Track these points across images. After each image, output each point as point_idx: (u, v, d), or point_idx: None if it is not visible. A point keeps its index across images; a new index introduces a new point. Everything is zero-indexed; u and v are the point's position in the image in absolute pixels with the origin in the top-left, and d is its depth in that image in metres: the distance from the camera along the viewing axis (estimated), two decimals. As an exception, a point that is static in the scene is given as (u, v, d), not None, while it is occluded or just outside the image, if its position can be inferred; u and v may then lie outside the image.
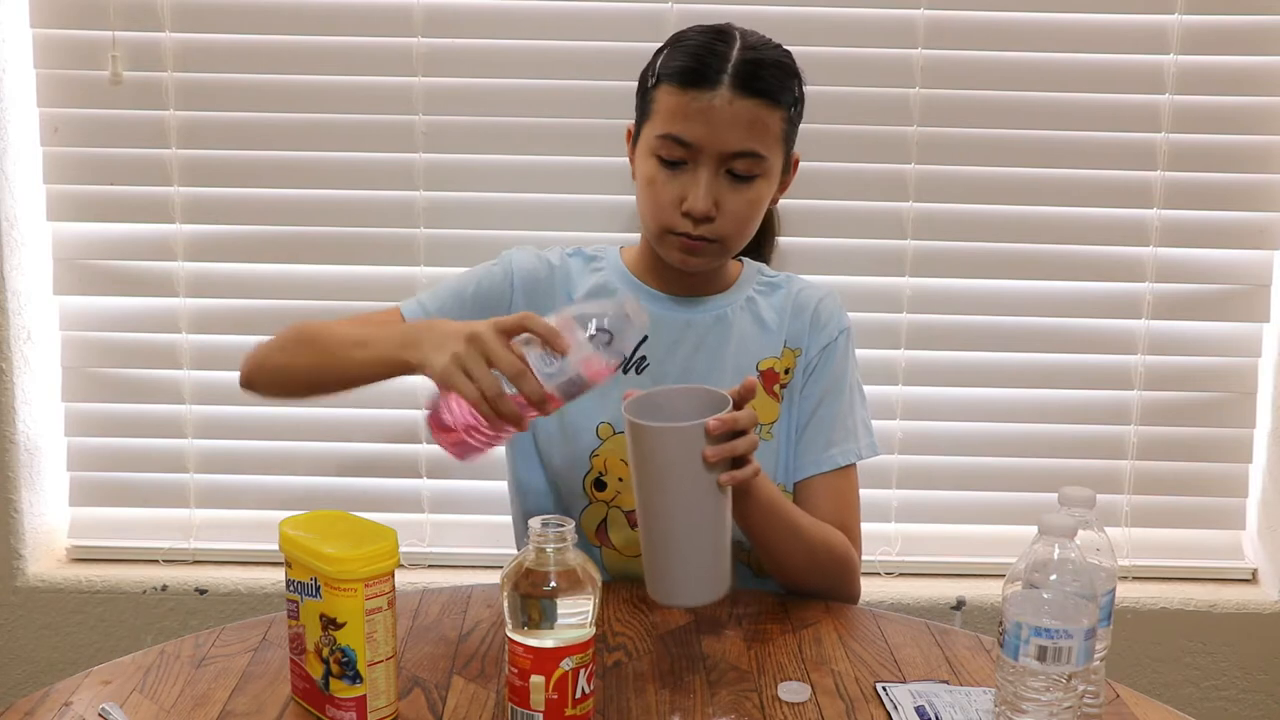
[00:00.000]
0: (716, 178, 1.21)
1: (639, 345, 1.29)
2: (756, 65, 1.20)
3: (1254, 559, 1.91)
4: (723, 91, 1.18)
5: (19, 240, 1.77)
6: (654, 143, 1.22)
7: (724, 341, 1.32)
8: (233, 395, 1.84)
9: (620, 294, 1.28)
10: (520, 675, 0.89)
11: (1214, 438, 1.87)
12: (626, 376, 1.30)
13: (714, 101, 1.18)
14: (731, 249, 1.27)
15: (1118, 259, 1.81)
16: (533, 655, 0.88)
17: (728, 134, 1.19)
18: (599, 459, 1.30)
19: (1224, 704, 1.88)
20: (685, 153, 1.20)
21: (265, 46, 1.75)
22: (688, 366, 1.30)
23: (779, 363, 1.33)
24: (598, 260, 1.36)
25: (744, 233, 1.26)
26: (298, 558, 0.95)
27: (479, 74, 1.75)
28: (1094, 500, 0.95)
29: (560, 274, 1.34)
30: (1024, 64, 1.75)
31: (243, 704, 1.00)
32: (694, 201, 1.20)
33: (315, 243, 1.80)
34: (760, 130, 1.20)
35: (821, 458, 1.31)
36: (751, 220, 1.25)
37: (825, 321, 1.34)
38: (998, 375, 1.85)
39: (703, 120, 1.19)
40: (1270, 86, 1.76)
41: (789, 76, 1.24)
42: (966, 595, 1.83)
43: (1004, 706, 0.90)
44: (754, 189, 1.23)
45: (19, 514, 1.81)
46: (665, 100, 1.21)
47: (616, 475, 1.29)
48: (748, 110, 1.19)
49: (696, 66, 1.19)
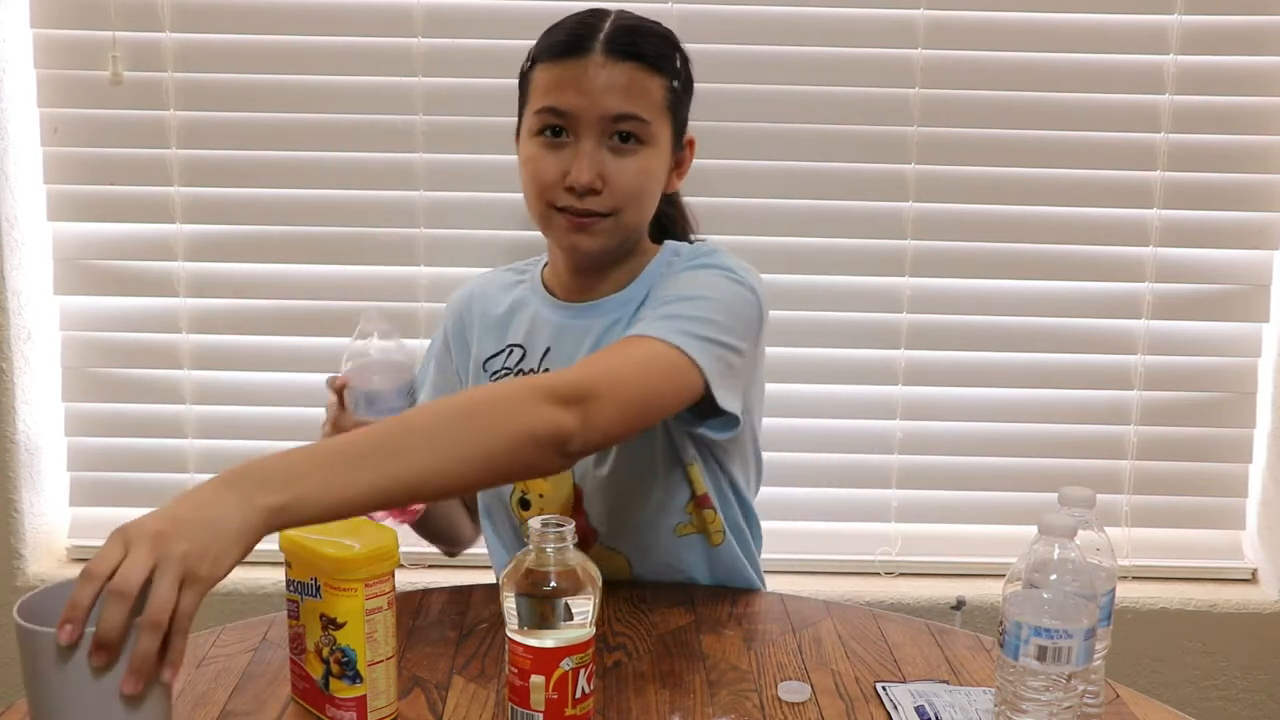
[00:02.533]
0: (599, 149, 1.15)
1: (543, 356, 1.26)
2: (630, 31, 1.17)
3: (1254, 559, 1.91)
4: (595, 57, 1.14)
5: (19, 240, 1.77)
6: (532, 120, 1.18)
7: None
8: (233, 395, 1.85)
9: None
10: (520, 675, 0.89)
11: (1214, 438, 1.87)
12: None
13: (588, 69, 1.14)
14: (628, 225, 1.19)
15: (1118, 259, 1.81)
16: (533, 655, 0.88)
17: (604, 98, 1.14)
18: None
19: (1224, 704, 1.88)
20: (563, 122, 1.16)
21: (265, 46, 1.75)
22: None
23: None
24: (523, 274, 1.34)
25: (637, 206, 1.18)
26: (298, 557, 0.95)
27: (479, 74, 1.75)
28: (1094, 500, 0.95)
29: (481, 299, 1.34)
30: (1024, 64, 1.75)
31: (243, 704, 1.00)
32: (577, 173, 1.14)
33: (315, 243, 1.80)
34: (639, 93, 1.15)
35: (634, 330, 1.11)
36: (643, 193, 1.18)
37: (677, 262, 1.23)
38: (998, 375, 1.85)
39: (576, 87, 1.14)
40: (1270, 86, 1.76)
41: (668, 46, 1.20)
42: (966, 595, 1.83)
43: (1004, 706, 0.90)
44: (640, 158, 1.17)
45: (19, 514, 1.81)
46: (540, 77, 1.18)
47: (538, 492, 1.26)
48: (623, 73, 1.15)
49: (568, 39, 1.17)
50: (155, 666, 0.78)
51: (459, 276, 1.79)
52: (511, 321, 1.30)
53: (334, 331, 1.82)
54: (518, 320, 1.30)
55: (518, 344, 1.29)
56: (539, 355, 1.27)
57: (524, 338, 1.29)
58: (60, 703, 0.80)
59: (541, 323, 1.28)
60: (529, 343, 1.28)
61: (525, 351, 1.28)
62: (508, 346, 1.30)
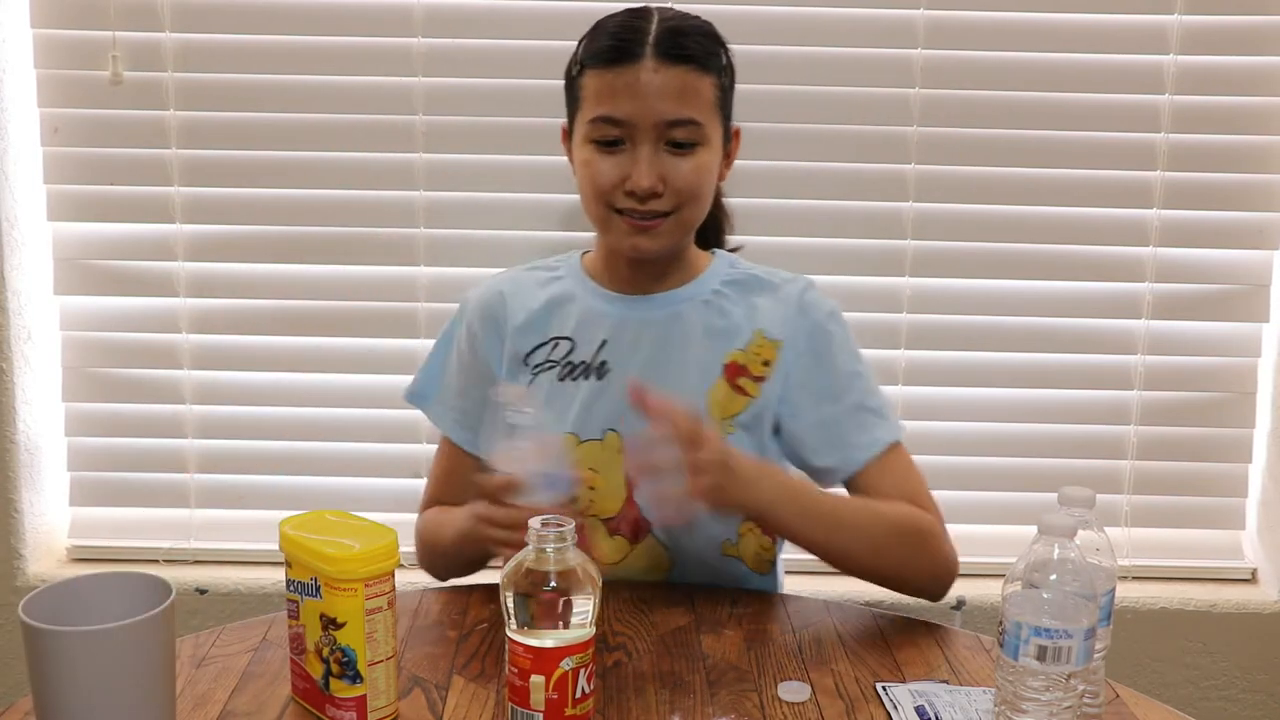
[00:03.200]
0: (657, 152, 1.17)
1: (599, 348, 1.27)
2: (677, 33, 1.18)
3: (1254, 559, 1.91)
4: (647, 63, 1.16)
5: (19, 240, 1.77)
6: (587, 129, 1.19)
7: (686, 337, 1.27)
8: (233, 395, 1.85)
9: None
10: (520, 675, 0.89)
11: (1214, 438, 1.87)
12: (588, 382, 1.27)
13: (640, 75, 1.15)
14: (687, 223, 1.23)
15: (1118, 259, 1.81)
16: (533, 655, 0.88)
17: (659, 104, 1.16)
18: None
19: (1224, 704, 1.88)
20: (620, 131, 1.17)
21: (265, 46, 1.75)
22: (649, 367, 1.27)
23: (749, 353, 1.27)
24: (555, 269, 1.34)
25: (697, 203, 1.21)
26: (298, 557, 0.95)
27: (479, 74, 1.75)
28: (1094, 500, 0.95)
29: (512, 294, 1.32)
30: (1024, 64, 1.75)
31: (243, 704, 1.00)
32: (638, 178, 1.17)
33: (315, 243, 1.80)
34: (692, 96, 1.17)
35: (867, 440, 1.26)
36: (702, 190, 1.21)
37: (810, 310, 1.29)
38: (998, 375, 1.85)
39: (631, 95, 1.16)
40: (1270, 86, 1.76)
41: (714, 43, 1.21)
42: (966, 595, 1.83)
43: (1004, 706, 0.90)
44: (697, 156, 1.19)
45: (19, 514, 1.81)
46: (592, 84, 1.19)
47: (588, 485, 1.26)
48: (676, 78, 1.16)
49: (617, 44, 1.17)
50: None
51: (459, 276, 1.79)
52: (554, 315, 1.30)
53: (334, 331, 1.82)
54: (562, 314, 1.30)
55: (564, 337, 1.29)
56: (594, 347, 1.27)
57: (573, 330, 1.29)
58: (65, 701, 0.81)
59: (595, 315, 1.29)
60: (579, 335, 1.28)
61: (574, 344, 1.28)
62: (551, 340, 1.29)
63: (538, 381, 1.29)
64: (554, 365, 1.28)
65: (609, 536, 1.28)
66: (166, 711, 0.87)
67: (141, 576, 0.89)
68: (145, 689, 0.84)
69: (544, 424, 1.14)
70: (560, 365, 1.28)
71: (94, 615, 0.84)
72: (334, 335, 1.83)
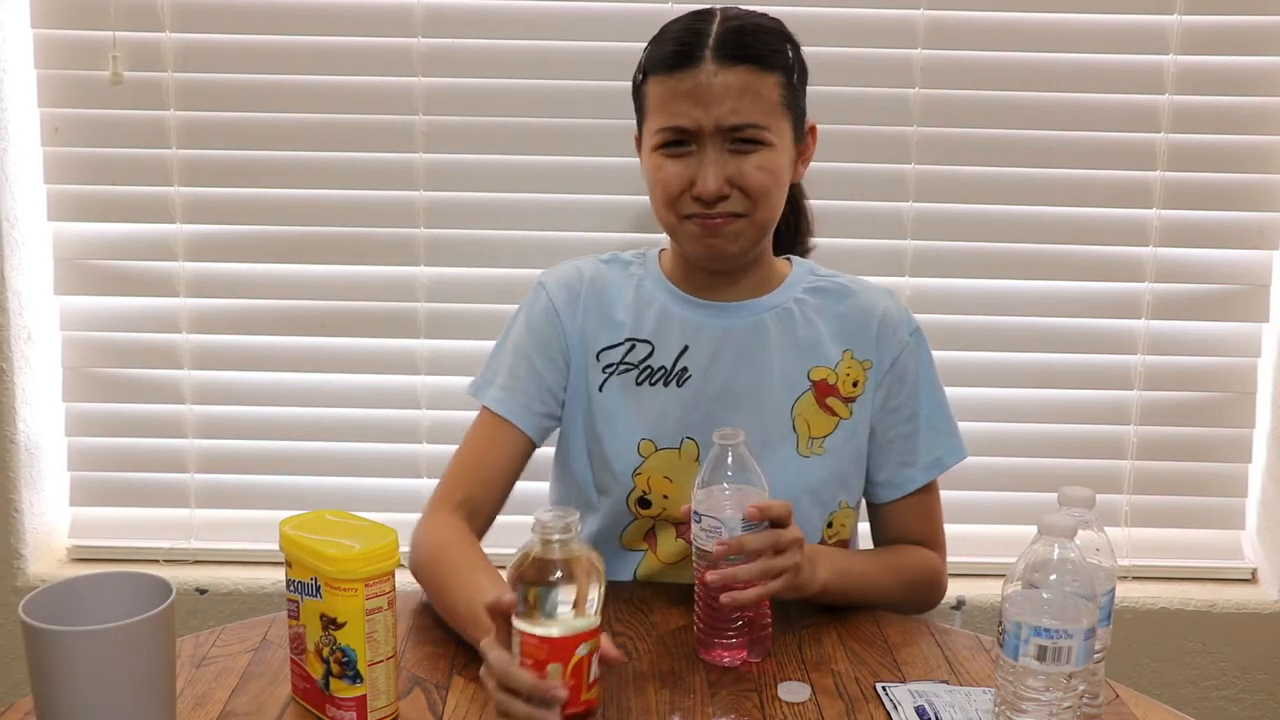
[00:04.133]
0: (721, 154, 1.16)
1: (680, 355, 1.26)
2: (738, 32, 1.16)
3: (1254, 559, 1.91)
4: (707, 66, 1.14)
5: (19, 240, 1.77)
6: (654, 137, 1.19)
7: (767, 348, 1.26)
8: (233, 395, 1.85)
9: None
10: (536, 665, 0.89)
11: (1214, 437, 1.87)
12: (669, 389, 1.26)
13: (699, 78, 1.14)
14: (761, 225, 1.20)
15: (1118, 259, 1.81)
16: (548, 645, 0.89)
17: (720, 107, 1.14)
18: (642, 477, 1.26)
19: (1224, 704, 1.88)
20: (685, 135, 1.16)
21: (265, 46, 1.75)
22: (732, 376, 1.25)
23: (838, 373, 1.27)
24: (635, 265, 1.32)
25: (767, 203, 1.19)
26: (298, 557, 0.96)
27: (479, 74, 1.75)
28: (1094, 500, 0.95)
29: (594, 285, 1.29)
30: (1024, 64, 1.75)
31: (243, 704, 1.01)
32: (703, 182, 1.15)
33: (315, 243, 1.80)
34: (753, 98, 1.15)
35: (929, 461, 1.30)
36: (773, 191, 1.19)
37: (895, 329, 1.28)
38: (997, 375, 1.85)
39: (692, 100, 1.15)
40: (1270, 86, 1.76)
41: (778, 40, 1.20)
42: (966, 595, 1.83)
43: (1004, 706, 0.90)
44: (765, 157, 1.17)
45: (19, 514, 1.81)
46: (655, 91, 1.18)
47: (661, 493, 1.26)
48: (737, 78, 1.14)
49: (678, 49, 1.16)
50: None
51: (459, 276, 1.79)
52: (632, 315, 1.28)
53: (334, 331, 1.82)
54: (641, 314, 1.28)
55: (643, 339, 1.27)
56: (674, 353, 1.26)
57: (650, 333, 1.27)
58: (66, 701, 0.81)
59: (674, 319, 1.27)
60: (658, 339, 1.27)
61: (654, 348, 1.27)
62: (628, 340, 1.27)
63: (609, 384, 1.27)
64: (631, 368, 1.27)
65: (675, 540, 1.28)
66: (166, 711, 0.87)
67: (141, 576, 0.90)
68: (145, 689, 0.84)
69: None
70: (638, 369, 1.26)
71: (94, 615, 0.84)
72: (334, 335, 1.82)
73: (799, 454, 1.25)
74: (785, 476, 1.22)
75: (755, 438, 1.17)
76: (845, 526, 1.30)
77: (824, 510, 1.27)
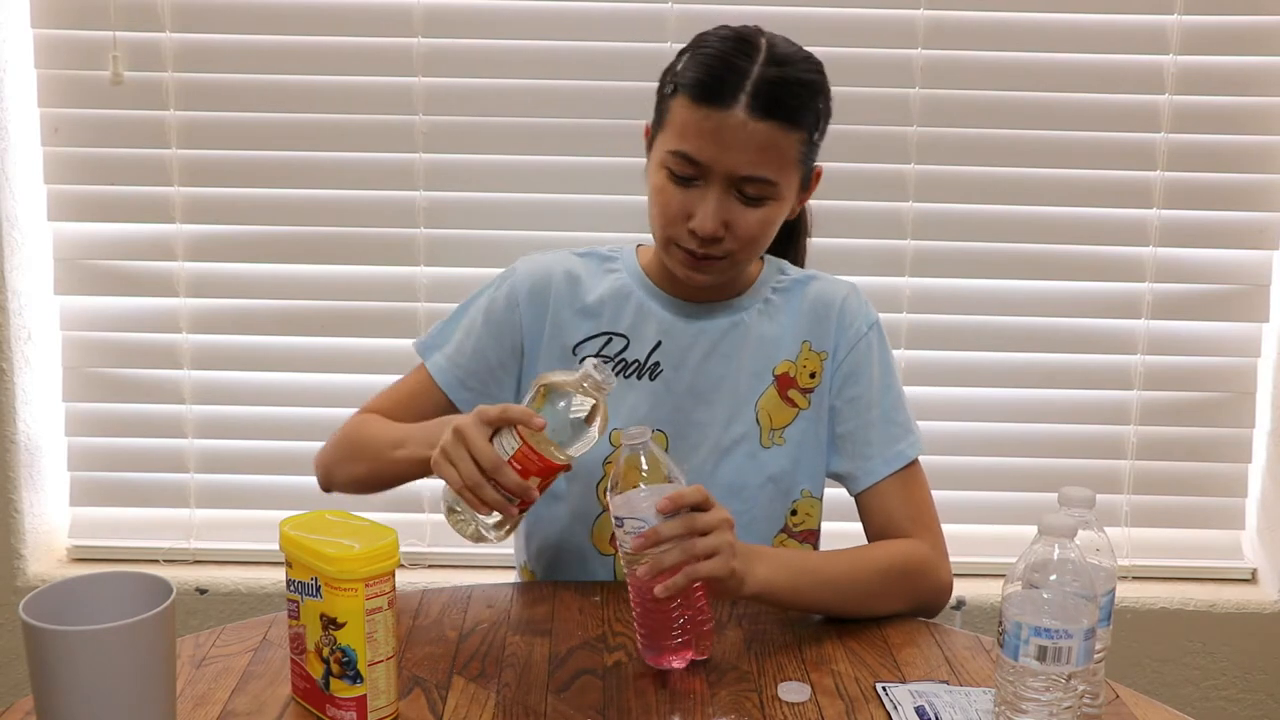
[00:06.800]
0: (726, 197, 1.17)
1: (653, 350, 1.28)
2: (777, 85, 1.15)
3: (1253, 559, 1.91)
4: (737, 112, 1.13)
5: (19, 240, 1.77)
6: (665, 156, 1.18)
7: (739, 347, 1.28)
8: (233, 395, 1.85)
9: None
10: (523, 473, 1.01)
11: (1213, 437, 1.87)
12: (640, 382, 1.28)
13: (728, 121, 1.13)
14: (741, 264, 1.23)
15: (1118, 259, 1.81)
16: (545, 466, 1.01)
17: (739, 156, 1.14)
18: (611, 465, 1.27)
19: (1224, 704, 1.88)
20: (695, 170, 1.16)
21: (265, 46, 1.75)
22: (701, 373, 1.28)
23: (798, 365, 1.29)
24: (612, 261, 1.33)
25: (753, 250, 1.22)
26: (298, 557, 0.95)
27: (479, 74, 1.75)
28: (1094, 500, 0.95)
29: (568, 279, 1.30)
30: (1024, 64, 1.76)
31: (243, 704, 1.00)
32: (701, 222, 1.16)
33: (315, 243, 1.80)
34: (774, 155, 1.16)
35: (890, 454, 1.28)
36: (761, 238, 1.21)
37: (851, 320, 1.30)
38: (998, 375, 1.85)
39: (714, 140, 1.14)
40: (1270, 86, 1.76)
41: (812, 95, 1.19)
42: (966, 595, 1.83)
43: (1004, 706, 0.90)
44: (765, 210, 1.19)
45: (19, 514, 1.81)
46: (679, 113, 1.17)
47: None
48: (763, 133, 1.14)
49: (713, 81, 1.14)
50: None
51: (459, 276, 1.79)
52: (610, 310, 1.29)
53: (334, 331, 1.82)
54: (619, 309, 1.29)
55: (619, 333, 1.28)
56: (647, 348, 1.27)
57: (627, 328, 1.28)
58: (66, 701, 0.81)
59: (651, 316, 1.28)
60: (633, 333, 1.28)
61: (629, 341, 1.28)
62: (605, 334, 1.29)
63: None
64: (608, 360, 1.28)
65: None
66: (166, 711, 0.87)
67: (141, 576, 0.89)
68: (145, 689, 0.84)
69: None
70: (614, 361, 1.28)
71: (94, 615, 0.84)
72: (334, 335, 1.83)
73: (761, 446, 1.28)
74: (748, 468, 1.26)
75: (720, 433, 1.25)
76: (811, 516, 1.31)
77: (786, 499, 1.29)
